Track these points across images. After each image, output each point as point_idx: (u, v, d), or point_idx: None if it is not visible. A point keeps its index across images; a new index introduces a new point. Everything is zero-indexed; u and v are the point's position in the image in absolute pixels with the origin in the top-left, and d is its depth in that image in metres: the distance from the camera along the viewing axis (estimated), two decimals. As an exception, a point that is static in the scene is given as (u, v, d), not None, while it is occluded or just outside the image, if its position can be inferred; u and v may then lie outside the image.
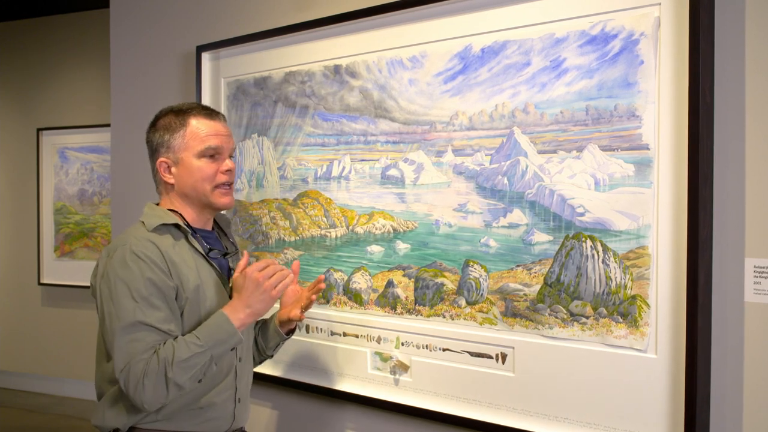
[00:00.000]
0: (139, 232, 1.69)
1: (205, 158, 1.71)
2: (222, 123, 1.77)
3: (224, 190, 1.74)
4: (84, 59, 5.52)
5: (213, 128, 1.73)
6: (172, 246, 1.68)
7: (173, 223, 1.71)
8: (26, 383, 5.78)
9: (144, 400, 1.55)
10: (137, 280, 1.59)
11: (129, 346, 1.56)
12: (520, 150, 1.78)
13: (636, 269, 1.59)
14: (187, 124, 1.72)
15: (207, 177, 1.71)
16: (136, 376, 1.53)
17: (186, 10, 2.68)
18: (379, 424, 2.09)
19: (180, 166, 1.73)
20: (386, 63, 2.03)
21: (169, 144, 1.73)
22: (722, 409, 1.53)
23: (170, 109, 1.77)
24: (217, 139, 1.72)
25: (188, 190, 1.73)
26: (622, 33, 1.61)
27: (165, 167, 1.74)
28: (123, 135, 2.91)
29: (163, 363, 1.53)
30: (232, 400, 1.77)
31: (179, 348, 1.55)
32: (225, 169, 1.73)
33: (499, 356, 1.82)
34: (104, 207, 5.43)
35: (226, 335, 1.59)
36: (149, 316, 1.58)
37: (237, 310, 1.61)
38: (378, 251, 2.08)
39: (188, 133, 1.71)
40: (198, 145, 1.71)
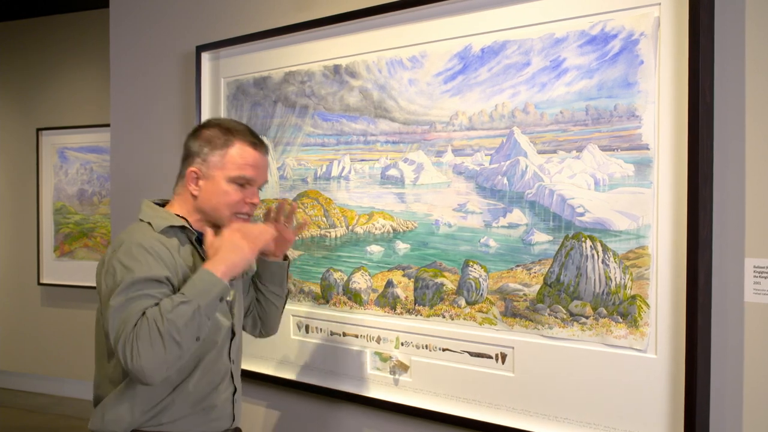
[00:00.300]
0: (147, 231, 1.66)
1: (236, 185, 1.69)
2: (263, 155, 1.74)
3: (240, 220, 1.72)
4: (84, 59, 5.51)
5: (253, 159, 1.70)
6: (178, 248, 1.67)
7: (180, 225, 1.69)
8: (26, 383, 5.78)
9: (143, 365, 1.47)
10: (142, 269, 1.55)
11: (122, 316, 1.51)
12: (519, 150, 1.78)
13: (636, 269, 1.59)
14: (230, 145, 1.69)
15: (231, 203, 1.69)
16: (130, 343, 1.47)
17: (186, 10, 2.68)
18: (378, 424, 2.09)
19: (208, 182, 1.70)
20: (386, 63, 2.03)
21: (206, 157, 1.70)
22: (722, 409, 1.53)
23: (218, 123, 1.75)
24: (253, 171, 1.70)
25: (208, 208, 1.71)
26: (621, 33, 1.61)
27: (194, 177, 1.71)
28: (123, 135, 2.91)
29: (152, 321, 1.47)
30: (230, 401, 1.78)
31: (164, 303, 1.50)
32: (250, 201, 1.71)
33: (498, 356, 1.82)
34: (104, 207, 5.42)
35: (209, 284, 1.54)
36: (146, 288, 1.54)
37: (216, 263, 1.57)
38: (378, 251, 2.08)
39: (228, 155, 1.69)
40: (233, 170, 1.68)
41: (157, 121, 2.77)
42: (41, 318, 5.69)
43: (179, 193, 1.76)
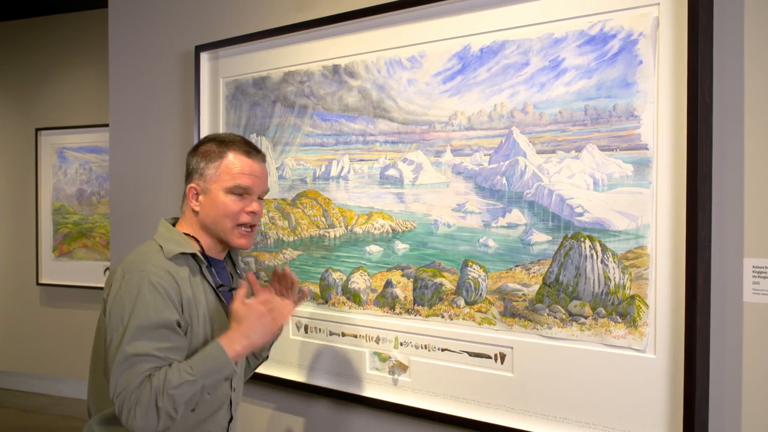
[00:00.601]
0: (158, 259, 1.62)
1: (233, 195, 1.68)
2: (259, 163, 1.73)
3: (244, 231, 1.71)
4: (82, 59, 5.51)
5: (248, 167, 1.69)
6: (188, 278, 1.64)
7: (191, 252, 1.67)
8: (25, 383, 5.78)
9: (135, 427, 1.49)
10: (149, 312, 1.54)
11: (126, 375, 1.51)
12: (518, 150, 1.78)
13: (635, 269, 1.59)
14: (224, 156, 1.69)
15: (230, 214, 1.68)
16: (129, 404, 1.49)
17: (185, 10, 2.68)
18: (377, 424, 2.09)
19: (207, 197, 1.69)
20: (385, 63, 2.03)
21: (202, 172, 1.70)
22: (721, 409, 1.53)
23: (215, 138, 1.75)
24: (249, 179, 1.69)
25: (209, 222, 1.70)
26: (620, 33, 1.61)
27: (194, 194, 1.71)
28: (122, 135, 2.91)
29: (154, 392, 1.48)
30: (224, 429, 1.76)
31: (171, 375, 1.49)
32: (250, 210, 1.69)
33: (497, 356, 1.82)
34: (103, 207, 5.42)
35: (219, 365, 1.53)
36: (153, 347, 1.53)
37: (234, 341, 1.56)
38: (377, 251, 2.07)
39: (223, 166, 1.68)
40: (228, 181, 1.67)
41: (156, 121, 2.77)
42: (40, 318, 5.69)
43: (184, 212, 1.75)
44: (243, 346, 1.56)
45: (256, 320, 1.58)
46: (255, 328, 1.57)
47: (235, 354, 1.55)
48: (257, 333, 1.58)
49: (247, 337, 1.57)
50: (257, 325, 1.58)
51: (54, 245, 5.62)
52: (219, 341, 1.55)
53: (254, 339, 1.58)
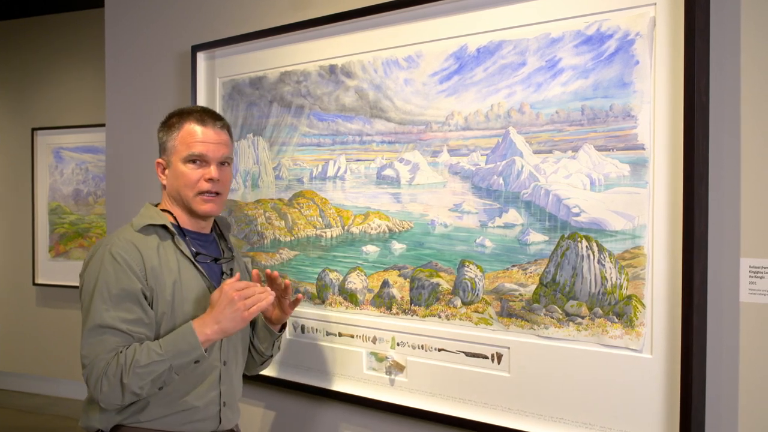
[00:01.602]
0: (125, 232, 1.70)
1: (191, 164, 1.71)
2: (214, 130, 1.74)
3: (206, 197, 1.72)
4: (79, 59, 5.50)
5: (202, 135, 1.72)
6: (156, 248, 1.68)
7: (160, 224, 1.71)
8: (21, 384, 5.76)
9: (100, 399, 1.57)
10: (110, 282, 1.60)
11: (94, 346, 1.57)
12: (515, 150, 1.78)
13: (631, 269, 1.59)
14: (181, 128, 1.73)
15: (189, 183, 1.71)
16: (97, 375, 1.56)
17: (181, 10, 2.68)
18: (374, 424, 2.09)
19: (170, 169, 1.74)
20: (382, 63, 2.03)
21: (165, 145, 1.75)
22: (718, 409, 1.53)
23: (178, 110, 1.79)
24: (202, 146, 1.71)
25: (174, 193, 1.75)
26: (617, 33, 1.61)
27: (161, 168, 1.77)
28: (118, 135, 2.91)
29: (120, 368, 1.53)
30: (216, 404, 1.75)
31: (140, 354, 1.54)
32: (208, 177, 1.71)
33: (494, 356, 1.82)
34: (99, 207, 5.41)
35: (188, 347, 1.56)
36: (116, 318, 1.58)
37: (205, 324, 1.59)
38: (373, 251, 2.07)
39: (179, 137, 1.72)
40: (183, 150, 1.71)
41: (153, 121, 2.75)
42: (36, 318, 5.68)
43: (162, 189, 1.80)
44: (213, 331, 1.58)
45: (226, 305, 1.58)
46: (225, 314, 1.58)
47: (204, 337, 1.57)
48: (227, 318, 1.58)
49: (217, 322, 1.58)
50: (228, 311, 1.58)
51: (50, 245, 5.61)
52: (192, 323, 1.59)
53: (224, 324, 1.59)
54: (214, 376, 1.74)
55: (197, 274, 1.73)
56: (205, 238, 1.82)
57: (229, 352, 1.79)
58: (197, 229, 1.79)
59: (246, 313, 1.59)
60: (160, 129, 1.79)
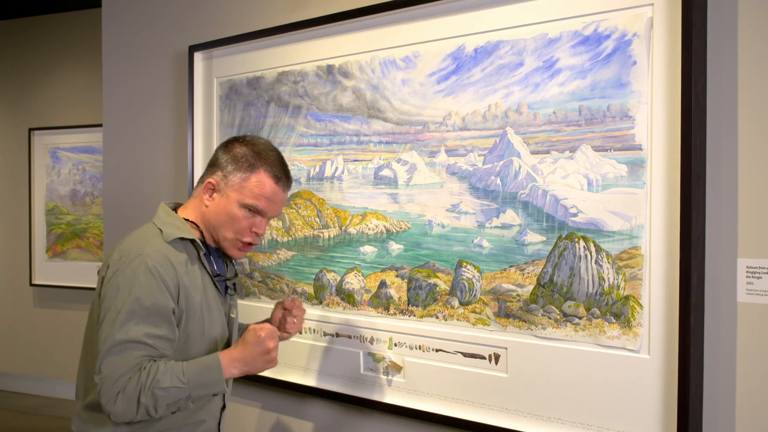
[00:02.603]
0: (157, 242, 1.61)
1: (246, 211, 1.66)
2: (283, 191, 1.70)
3: (242, 246, 1.70)
4: (76, 59, 5.50)
5: (271, 192, 1.67)
6: (185, 263, 1.63)
7: (190, 239, 1.66)
8: (18, 384, 5.75)
9: (112, 412, 1.51)
10: (145, 296, 1.53)
11: (116, 361, 1.51)
12: (513, 150, 1.78)
13: (629, 269, 1.59)
14: (255, 172, 1.66)
15: (237, 228, 1.67)
16: (114, 390, 1.49)
17: (178, 10, 2.67)
18: (372, 424, 2.09)
19: (222, 199, 1.68)
20: (379, 63, 2.03)
21: (227, 174, 1.67)
22: (715, 409, 1.53)
23: (252, 144, 1.70)
24: (267, 204, 1.67)
25: (213, 222, 1.69)
26: (615, 33, 1.61)
27: (210, 188, 1.69)
28: (115, 135, 2.90)
29: (140, 386, 1.49)
30: (217, 417, 1.77)
31: (162, 375, 1.50)
32: (255, 230, 1.69)
33: (492, 357, 1.82)
34: (96, 207, 5.40)
35: (211, 381, 1.54)
36: (143, 333, 1.52)
37: (233, 364, 1.56)
38: (371, 252, 2.07)
39: (249, 181, 1.66)
40: (248, 198, 1.65)
41: (150, 121, 2.76)
42: (33, 319, 5.67)
43: (195, 197, 1.74)
44: (240, 371, 1.58)
45: (261, 354, 1.58)
46: (257, 361, 1.58)
47: (230, 375, 1.56)
48: (258, 364, 1.59)
49: (246, 365, 1.58)
50: (260, 359, 1.58)
51: (47, 246, 5.60)
52: (219, 358, 1.55)
53: (252, 368, 1.59)
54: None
55: (218, 295, 1.71)
56: (218, 253, 1.79)
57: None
58: (213, 244, 1.76)
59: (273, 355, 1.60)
60: (226, 151, 1.70)
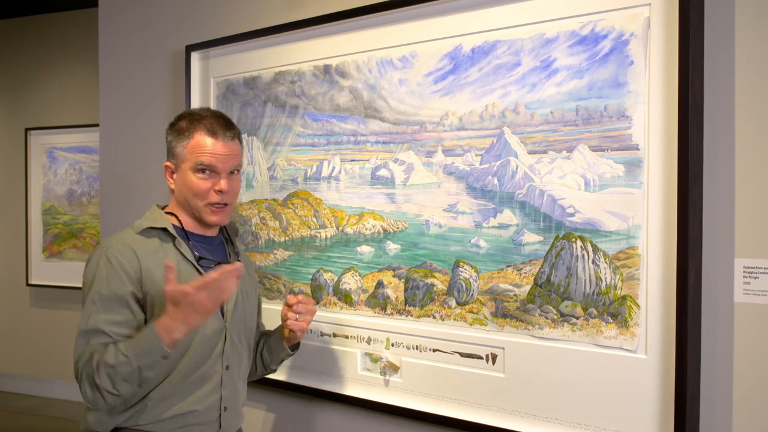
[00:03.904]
0: (124, 234, 1.71)
1: (200, 173, 1.68)
2: (224, 141, 1.70)
3: (216, 209, 1.71)
4: (72, 59, 5.48)
5: (212, 146, 1.68)
6: (155, 251, 1.67)
7: (161, 227, 1.70)
8: (14, 385, 5.74)
9: (87, 400, 1.59)
10: (102, 285, 1.61)
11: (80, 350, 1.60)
12: (510, 150, 1.78)
13: (626, 269, 1.59)
14: (191, 136, 1.69)
15: (199, 193, 1.69)
16: (80, 378, 1.59)
17: (175, 10, 2.67)
18: (369, 425, 2.09)
19: (179, 175, 1.72)
20: (376, 63, 2.03)
21: (174, 150, 1.72)
22: (712, 409, 1.53)
23: (189, 114, 1.76)
24: (211, 158, 1.68)
25: (182, 200, 1.73)
26: (612, 33, 1.61)
27: (169, 172, 1.74)
28: (112, 135, 2.90)
29: (93, 370, 1.55)
30: (216, 408, 1.73)
31: (109, 355, 1.54)
32: (218, 188, 1.69)
33: (489, 357, 1.82)
34: (93, 207, 5.39)
35: (151, 348, 1.52)
36: (103, 321, 1.59)
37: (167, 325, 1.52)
38: (368, 252, 2.07)
39: (188, 146, 1.69)
40: (192, 159, 1.68)
41: (147, 121, 2.75)
42: (30, 319, 5.66)
43: (170, 192, 1.78)
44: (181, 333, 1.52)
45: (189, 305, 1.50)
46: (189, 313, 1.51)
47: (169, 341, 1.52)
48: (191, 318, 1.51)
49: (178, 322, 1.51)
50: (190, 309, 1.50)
51: (44, 246, 5.59)
52: (154, 326, 1.53)
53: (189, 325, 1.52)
54: (216, 380, 1.73)
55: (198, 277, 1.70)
56: (210, 241, 1.80)
57: (232, 357, 1.76)
58: (203, 233, 1.78)
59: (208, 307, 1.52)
60: (169, 131, 1.75)
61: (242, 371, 1.84)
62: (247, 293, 1.86)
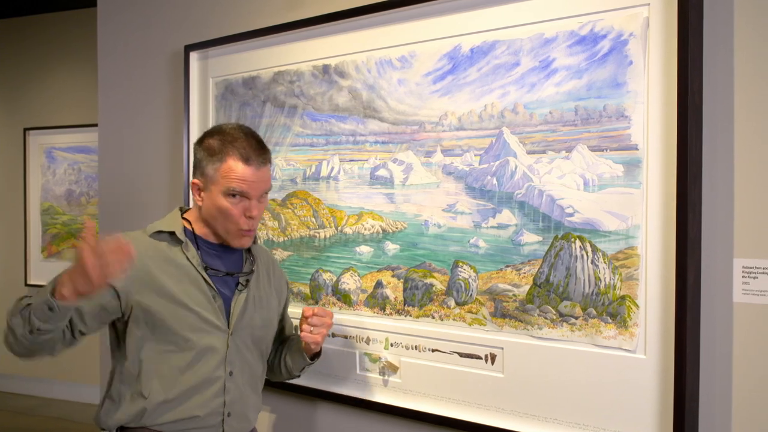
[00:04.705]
0: (133, 235, 1.71)
1: (231, 197, 1.66)
2: (257, 169, 1.67)
3: (244, 233, 1.71)
4: (71, 58, 5.48)
5: (245, 174, 1.65)
6: (162, 253, 1.69)
7: (169, 231, 1.71)
8: (13, 385, 5.73)
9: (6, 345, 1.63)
10: None
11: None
12: (509, 150, 1.78)
13: (625, 269, 1.59)
14: (224, 159, 1.66)
15: (230, 218, 1.68)
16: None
17: (174, 10, 2.66)
18: (368, 425, 2.09)
19: (208, 195, 1.69)
20: (375, 63, 2.02)
21: (204, 169, 1.69)
22: (711, 409, 1.53)
23: (220, 131, 1.71)
24: (246, 185, 1.66)
25: (210, 219, 1.72)
26: (611, 33, 1.61)
27: (196, 189, 1.72)
28: (110, 135, 2.89)
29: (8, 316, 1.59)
30: (219, 414, 1.72)
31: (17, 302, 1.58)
32: (248, 215, 1.68)
33: (488, 357, 1.82)
34: (92, 207, 5.39)
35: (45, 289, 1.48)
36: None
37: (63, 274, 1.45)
38: (367, 252, 2.07)
39: (221, 169, 1.66)
40: (225, 184, 1.66)
41: (146, 121, 2.75)
42: (29, 319, 5.64)
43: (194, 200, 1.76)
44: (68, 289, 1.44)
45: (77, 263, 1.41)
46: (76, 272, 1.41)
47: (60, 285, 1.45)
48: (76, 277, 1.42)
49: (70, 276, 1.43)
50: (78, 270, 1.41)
51: (43, 246, 5.58)
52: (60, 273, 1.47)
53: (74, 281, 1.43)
54: (218, 385, 1.72)
55: (202, 282, 1.70)
56: (224, 249, 1.78)
57: (234, 362, 1.75)
58: (218, 241, 1.76)
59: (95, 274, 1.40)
60: (198, 147, 1.72)
61: (252, 378, 1.82)
62: (262, 300, 1.83)
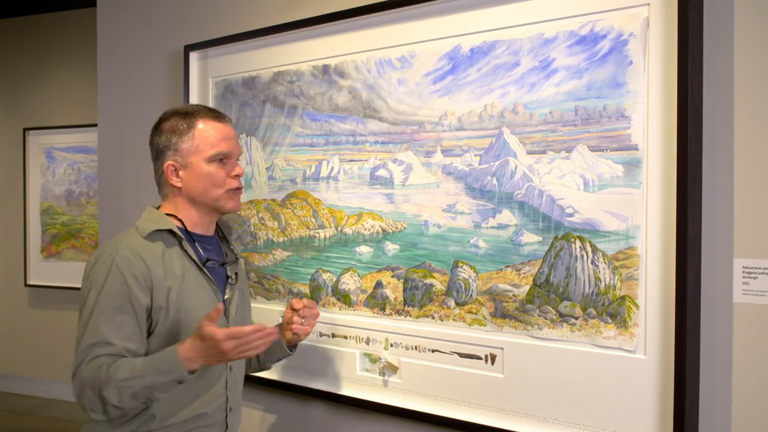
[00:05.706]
0: (130, 239, 1.65)
1: (215, 163, 1.69)
2: (230, 126, 1.74)
3: (233, 194, 1.73)
4: (71, 58, 5.48)
5: (222, 132, 1.70)
6: (161, 254, 1.65)
7: (167, 229, 1.68)
8: (13, 385, 5.73)
9: (85, 407, 1.56)
10: (111, 295, 1.57)
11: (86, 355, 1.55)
12: (509, 150, 1.77)
13: (625, 270, 1.59)
14: (194, 126, 1.69)
15: (218, 182, 1.69)
16: (81, 385, 1.54)
17: (174, 10, 2.66)
18: (368, 425, 2.08)
19: (189, 170, 1.70)
20: (375, 63, 2.02)
21: (177, 147, 1.69)
22: (711, 409, 1.53)
23: (175, 111, 1.74)
24: (227, 144, 1.70)
25: (197, 194, 1.71)
26: (611, 33, 1.60)
27: (172, 170, 1.71)
28: (110, 135, 2.89)
29: (101, 381, 1.51)
30: (223, 409, 1.74)
31: (122, 368, 1.51)
32: (234, 174, 1.72)
33: (488, 357, 1.81)
34: (91, 207, 5.39)
35: (169, 368, 1.51)
36: (111, 332, 1.55)
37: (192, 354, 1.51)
38: (367, 252, 2.07)
39: (197, 137, 1.68)
40: (208, 150, 1.68)
41: (145, 121, 2.73)
42: (28, 320, 5.65)
43: (165, 194, 1.76)
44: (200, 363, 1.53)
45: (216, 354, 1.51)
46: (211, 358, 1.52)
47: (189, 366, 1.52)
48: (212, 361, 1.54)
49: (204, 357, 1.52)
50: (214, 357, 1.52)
51: (42, 246, 5.58)
52: (178, 350, 1.52)
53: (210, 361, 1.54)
54: (222, 382, 1.73)
55: (203, 279, 1.70)
56: (209, 241, 1.79)
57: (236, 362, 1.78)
58: (204, 233, 1.77)
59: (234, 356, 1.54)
60: (159, 132, 1.72)
61: (242, 371, 1.86)
62: (243, 292, 1.87)
